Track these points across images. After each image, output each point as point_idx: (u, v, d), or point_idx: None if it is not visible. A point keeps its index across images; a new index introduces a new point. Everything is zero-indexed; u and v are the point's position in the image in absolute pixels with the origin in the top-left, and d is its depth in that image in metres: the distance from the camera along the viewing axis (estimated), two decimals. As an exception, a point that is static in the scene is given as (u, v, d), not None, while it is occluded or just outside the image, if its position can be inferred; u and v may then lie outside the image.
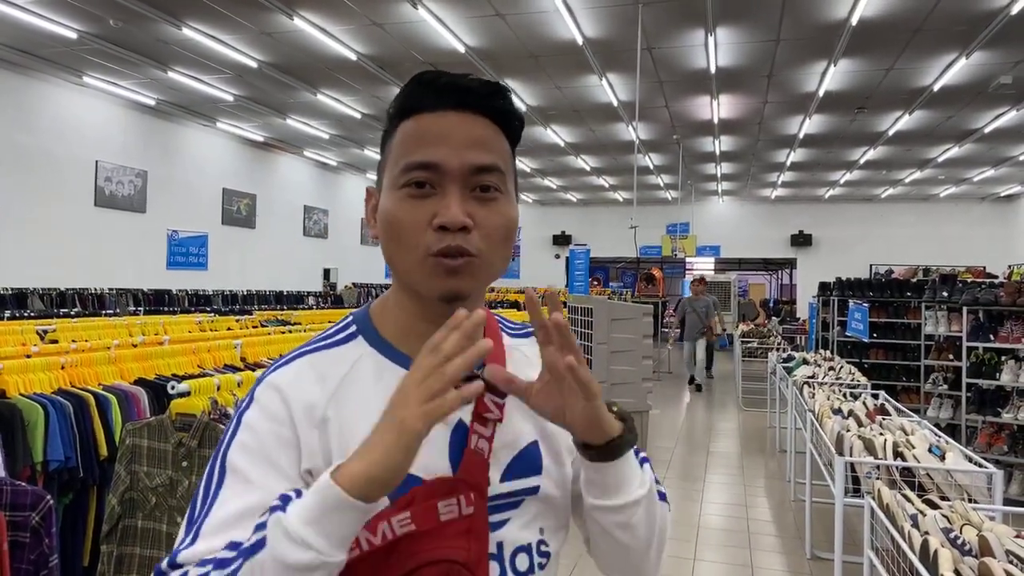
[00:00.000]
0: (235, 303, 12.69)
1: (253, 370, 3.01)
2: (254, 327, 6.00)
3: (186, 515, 0.78)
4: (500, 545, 0.83)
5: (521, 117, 0.88)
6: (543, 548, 0.88)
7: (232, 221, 14.41)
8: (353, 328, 0.88)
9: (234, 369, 3.44)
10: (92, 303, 10.09)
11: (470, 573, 0.78)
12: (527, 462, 0.87)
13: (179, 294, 11.85)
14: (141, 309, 10.56)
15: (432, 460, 0.80)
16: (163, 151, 12.67)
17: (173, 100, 11.68)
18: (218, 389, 2.53)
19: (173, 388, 2.41)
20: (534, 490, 0.87)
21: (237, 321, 6.44)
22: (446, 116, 0.82)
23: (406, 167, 0.80)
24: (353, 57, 9.08)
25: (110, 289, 10.70)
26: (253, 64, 9.44)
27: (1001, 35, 7.82)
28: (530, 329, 0.97)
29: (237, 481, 0.76)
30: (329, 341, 0.87)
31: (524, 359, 0.93)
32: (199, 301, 12.00)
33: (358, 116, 12.16)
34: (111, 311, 9.73)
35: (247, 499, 0.75)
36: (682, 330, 11.84)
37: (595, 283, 19.25)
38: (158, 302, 11.24)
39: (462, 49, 8.68)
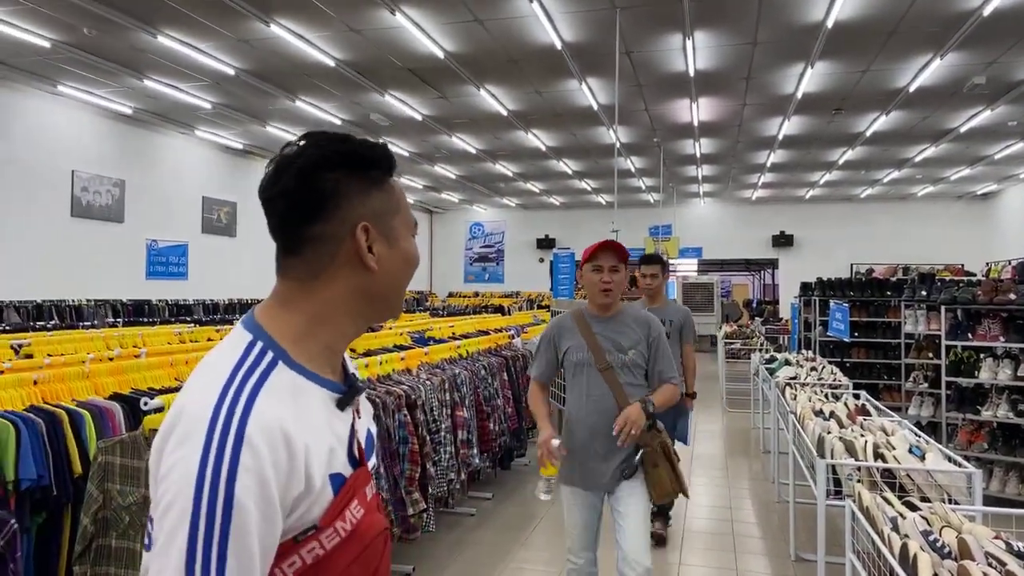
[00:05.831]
0: (216, 312, 12.58)
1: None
2: (234, 337, 5.92)
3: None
4: None
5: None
6: None
7: (212, 229, 14.29)
8: (271, 355, 0.90)
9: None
10: (69, 315, 9.96)
11: (389, 534, 1.01)
12: (371, 446, 1.05)
13: (159, 304, 11.72)
14: (120, 320, 10.44)
15: (344, 458, 0.93)
16: (141, 160, 12.54)
17: (150, 108, 11.57)
18: (193, 404, 2.49)
19: (146, 404, 2.37)
20: (376, 467, 1.07)
21: (217, 331, 6.37)
22: None
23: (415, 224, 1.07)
24: (331, 63, 9.04)
25: (88, 300, 10.57)
26: (230, 71, 9.37)
27: (974, 36, 7.92)
28: None
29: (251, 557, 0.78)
30: (261, 369, 0.88)
31: None
32: (180, 311, 11.87)
33: (338, 122, 12.10)
34: (89, 323, 9.60)
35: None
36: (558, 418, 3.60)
37: (580, 287, 19.25)
38: (138, 313, 11.12)
39: (441, 55, 8.66)
